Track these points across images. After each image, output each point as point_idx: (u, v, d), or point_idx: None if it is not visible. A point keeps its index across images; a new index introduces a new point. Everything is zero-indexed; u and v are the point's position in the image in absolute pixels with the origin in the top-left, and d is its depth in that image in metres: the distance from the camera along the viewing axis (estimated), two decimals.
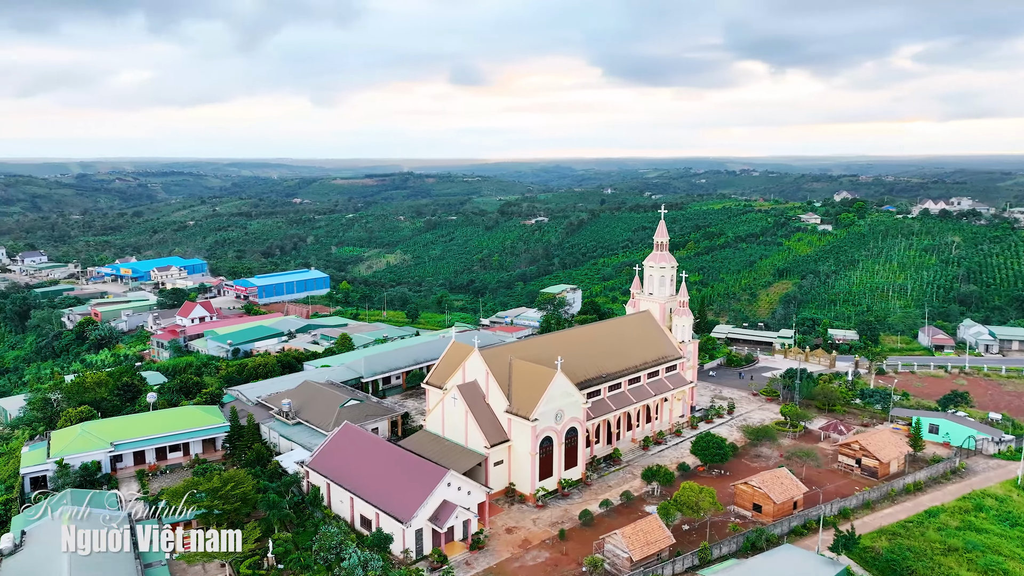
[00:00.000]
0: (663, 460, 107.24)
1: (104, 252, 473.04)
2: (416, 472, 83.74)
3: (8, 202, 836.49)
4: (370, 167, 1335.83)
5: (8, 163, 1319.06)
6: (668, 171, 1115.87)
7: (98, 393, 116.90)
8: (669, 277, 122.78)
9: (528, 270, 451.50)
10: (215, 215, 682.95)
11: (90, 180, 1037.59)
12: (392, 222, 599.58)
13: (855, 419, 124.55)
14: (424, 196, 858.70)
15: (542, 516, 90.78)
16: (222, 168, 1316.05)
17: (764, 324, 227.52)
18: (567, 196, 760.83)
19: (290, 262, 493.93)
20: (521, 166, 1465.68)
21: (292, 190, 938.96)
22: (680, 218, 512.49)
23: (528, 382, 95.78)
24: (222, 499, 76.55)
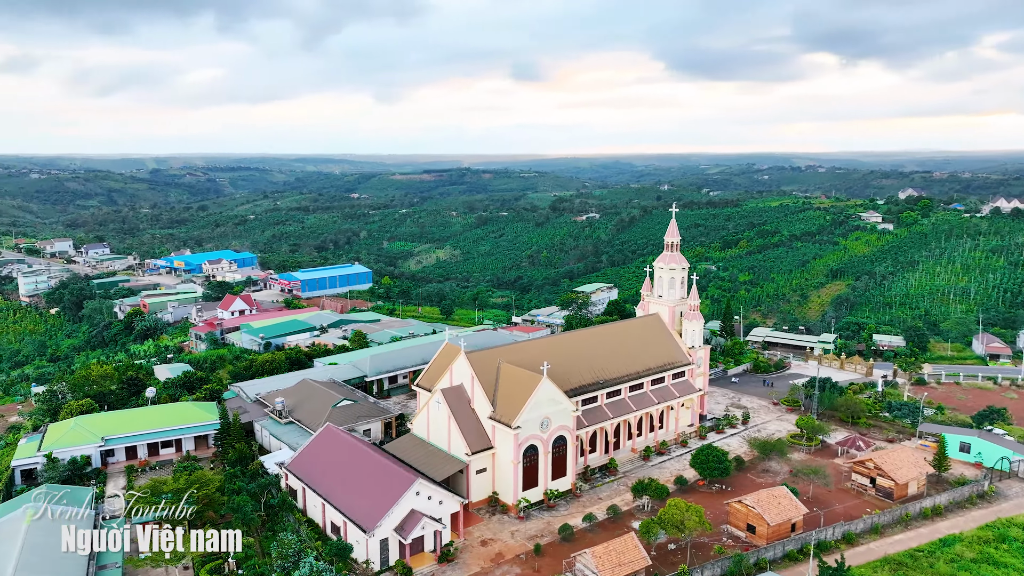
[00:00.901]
0: (663, 472, 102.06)
1: (166, 245, 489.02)
2: (386, 479, 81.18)
3: (87, 196, 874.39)
4: (430, 162, 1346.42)
5: (90, 159, 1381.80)
6: (730, 167, 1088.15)
7: (103, 386, 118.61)
8: (680, 279, 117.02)
9: (575, 267, 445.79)
10: (275, 209, 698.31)
11: (163, 175, 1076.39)
12: (444, 217, 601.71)
13: (880, 434, 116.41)
14: (480, 191, 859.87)
15: (522, 529, 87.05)
16: (287, 163, 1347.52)
17: (806, 327, 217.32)
18: (623, 192, 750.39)
19: (342, 256, 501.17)
20: (580, 162, 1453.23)
21: (352, 185, 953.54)
22: (735, 215, 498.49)
23: (515, 387, 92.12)
24: (186, 500, 75.38)
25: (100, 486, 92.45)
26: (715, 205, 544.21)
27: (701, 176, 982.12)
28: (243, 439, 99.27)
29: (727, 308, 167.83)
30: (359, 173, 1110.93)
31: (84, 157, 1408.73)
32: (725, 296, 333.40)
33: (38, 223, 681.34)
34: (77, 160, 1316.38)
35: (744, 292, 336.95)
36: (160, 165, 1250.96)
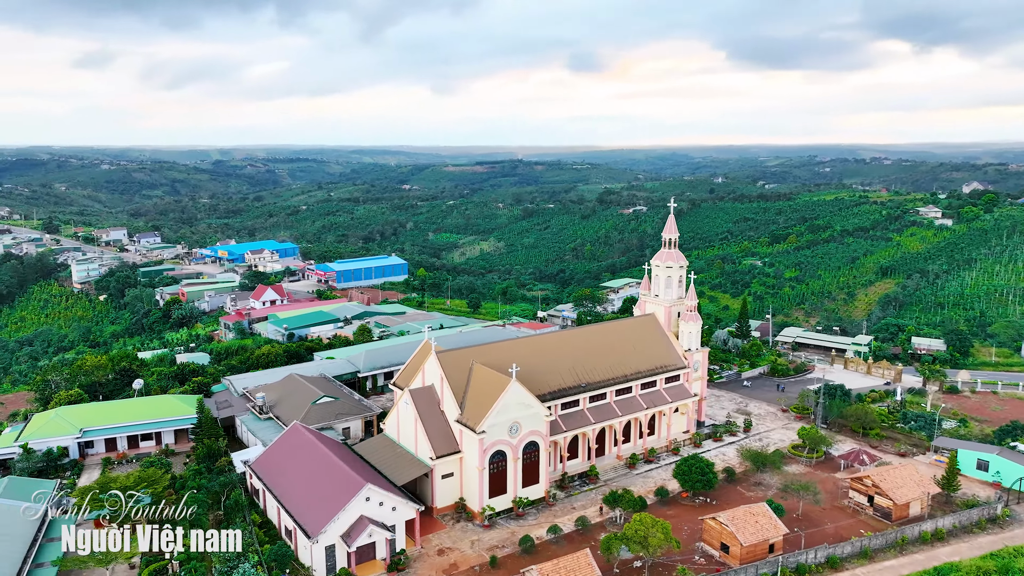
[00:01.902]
0: (647, 482, 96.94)
1: (219, 234, 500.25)
2: (337, 483, 78.55)
3: (152, 186, 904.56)
4: (484, 154, 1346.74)
5: (159, 150, 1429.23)
6: (790, 159, 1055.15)
7: (95, 376, 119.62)
8: (677, 278, 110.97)
9: (619, 261, 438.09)
10: (327, 200, 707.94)
11: (225, 166, 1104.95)
12: (490, 209, 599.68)
13: (892, 447, 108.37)
14: (531, 183, 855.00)
15: (485, 538, 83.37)
16: (345, 155, 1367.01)
17: (841, 328, 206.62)
18: (675, 184, 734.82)
19: (387, 247, 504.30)
20: (636, 153, 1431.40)
21: (405, 176, 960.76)
22: (786, 209, 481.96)
23: (485, 390, 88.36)
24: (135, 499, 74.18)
25: (72, 478, 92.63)
26: (766, 199, 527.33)
27: (759, 168, 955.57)
28: (218, 434, 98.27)
29: (743, 307, 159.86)
30: (413, 165, 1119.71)
31: (153, 148, 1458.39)
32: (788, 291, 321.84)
33: (104, 212, 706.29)
34: (147, 152, 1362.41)
35: (788, 289, 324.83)
36: (224, 156, 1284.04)
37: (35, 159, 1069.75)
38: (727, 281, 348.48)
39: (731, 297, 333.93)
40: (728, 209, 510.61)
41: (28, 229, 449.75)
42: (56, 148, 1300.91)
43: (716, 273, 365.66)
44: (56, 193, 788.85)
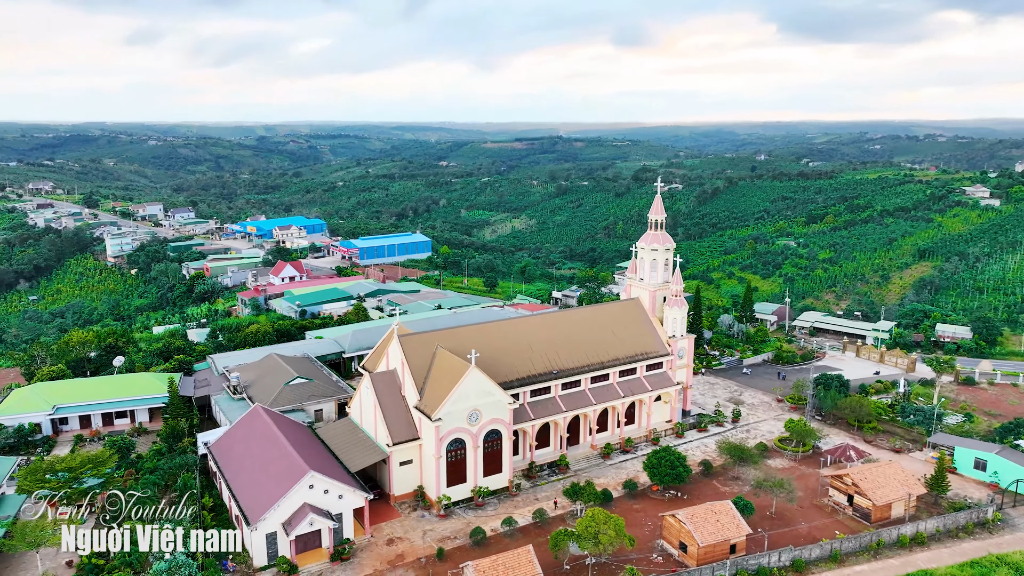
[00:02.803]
0: (620, 473, 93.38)
1: (256, 209, 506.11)
2: (284, 469, 76.87)
3: (196, 161, 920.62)
4: (525, 130, 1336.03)
5: (206, 126, 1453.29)
6: (839, 136, 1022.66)
7: (81, 352, 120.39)
8: (663, 261, 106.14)
9: None
10: (364, 176, 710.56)
11: (268, 142, 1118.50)
12: (524, 186, 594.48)
13: (887, 442, 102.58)
14: (569, 160, 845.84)
15: (438, 528, 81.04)
16: (386, 131, 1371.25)
17: (863, 313, 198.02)
18: (715, 162, 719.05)
19: (419, 224, 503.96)
20: (680, 130, 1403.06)
21: (444, 153, 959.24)
22: (827, 188, 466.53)
23: (446, 376, 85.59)
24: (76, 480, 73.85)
25: (40, 455, 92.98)
26: (807, 177, 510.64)
27: (806, 145, 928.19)
28: (186, 414, 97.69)
29: (747, 291, 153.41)
30: (453, 141, 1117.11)
31: (201, 125, 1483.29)
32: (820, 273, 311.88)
33: (149, 187, 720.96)
34: (194, 128, 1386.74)
35: (821, 271, 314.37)
36: (268, 133, 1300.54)
37: (88, 135, 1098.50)
38: (758, 262, 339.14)
39: (761, 279, 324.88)
40: (766, 187, 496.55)
41: (69, 203, 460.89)
42: (108, 124, 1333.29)
43: (747, 254, 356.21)
44: (104, 168, 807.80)
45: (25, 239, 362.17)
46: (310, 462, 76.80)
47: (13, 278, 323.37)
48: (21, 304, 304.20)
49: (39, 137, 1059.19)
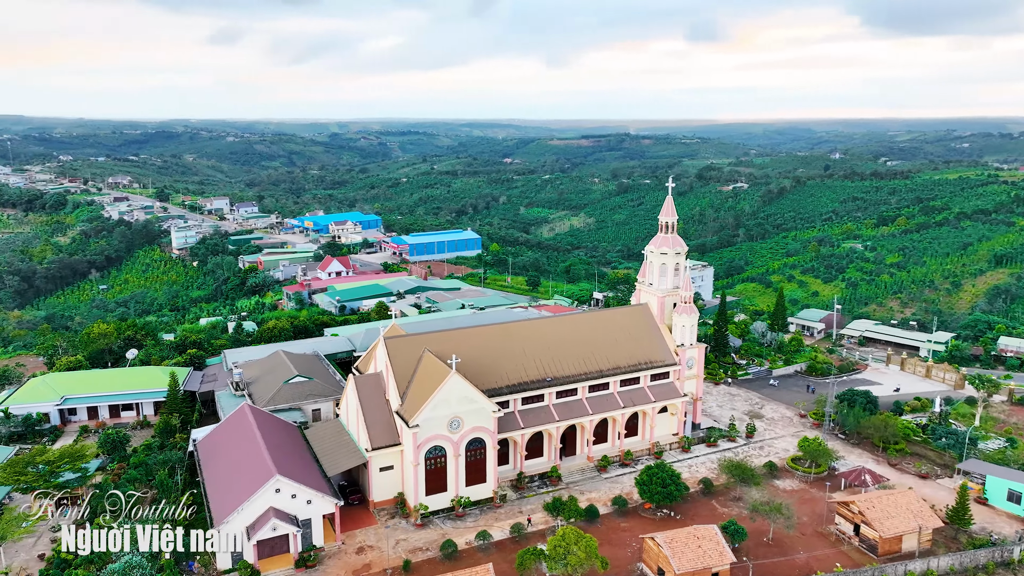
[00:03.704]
0: (614, 487, 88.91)
1: (320, 204, 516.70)
2: (254, 471, 75.72)
3: (270, 157, 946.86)
4: (594, 127, 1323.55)
5: (283, 123, 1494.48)
6: (924, 133, 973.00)
7: (100, 344, 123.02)
8: (673, 266, 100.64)
9: (709, 240, 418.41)
10: (429, 173, 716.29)
11: (340, 139, 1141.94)
12: (585, 184, 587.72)
13: (913, 466, 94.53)
14: (635, 158, 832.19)
15: (412, 538, 78.48)
16: (455, 128, 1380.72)
17: (919, 323, 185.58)
18: (786, 160, 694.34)
19: (477, 221, 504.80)
20: (753, 127, 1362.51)
21: (509, 150, 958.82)
22: (901, 189, 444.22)
23: (429, 381, 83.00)
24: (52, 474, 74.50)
25: (42, 445, 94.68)
26: (880, 176, 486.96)
27: (886, 144, 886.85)
28: (182, 409, 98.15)
29: (779, 297, 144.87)
30: (519, 138, 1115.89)
31: (278, 121, 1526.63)
32: (887, 279, 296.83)
33: (224, 181, 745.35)
34: (271, 124, 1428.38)
35: (887, 276, 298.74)
36: (341, 129, 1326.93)
37: (172, 131, 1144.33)
38: (821, 265, 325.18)
39: (822, 283, 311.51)
40: (836, 187, 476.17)
41: (143, 197, 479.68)
42: (192, 121, 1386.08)
43: (810, 256, 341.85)
44: (184, 163, 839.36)
45: (100, 231, 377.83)
46: (281, 465, 75.41)
47: (86, 268, 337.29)
48: (92, 293, 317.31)
49: (128, 134, 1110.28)
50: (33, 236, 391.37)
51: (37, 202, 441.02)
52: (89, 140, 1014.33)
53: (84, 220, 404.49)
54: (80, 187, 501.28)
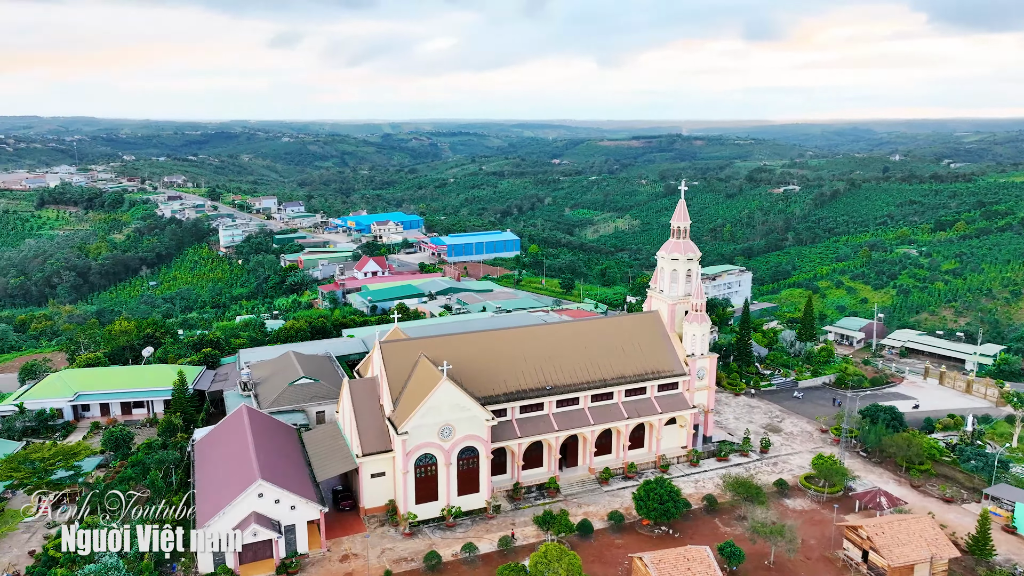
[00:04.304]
0: (613, 501, 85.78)
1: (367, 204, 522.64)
2: (240, 474, 75.13)
3: (323, 158, 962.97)
4: (646, 128, 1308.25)
5: (338, 124, 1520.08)
6: (993, 134, 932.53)
7: (121, 341, 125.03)
8: (684, 272, 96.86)
9: (756, 244, 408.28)
10: (476, 173, 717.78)
11: (392, 139, 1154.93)
12: (632, 186, 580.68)
13: (936, 488, 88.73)
14: (687, 159, 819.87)
15: (399, 547, 76.86)
16: (506, 129, 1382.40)
17: (966, 334, 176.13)
18: (843, 162, 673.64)
19: (521, 222, 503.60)
20: (811, 128, 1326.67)
21: (559, 151, 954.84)
22: (962, 192, 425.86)
23: (422, 387, 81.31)
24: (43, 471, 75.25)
25: (53, 440, 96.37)
26: (941, 179, 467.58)
27: (952, 145, 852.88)
28: (187, 408, 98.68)
29: (807, 304, 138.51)
30: (570, 139, 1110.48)
31: (333, 123, 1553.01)
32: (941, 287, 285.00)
33: (277, 181, 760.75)
34: (326, 125, 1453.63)
35: (941, 284, 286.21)
36: (393, 130, 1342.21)
37: (231, 132, 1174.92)
38: (871, 271, 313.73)
39: (872, 289, 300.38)
40: (893, 190, 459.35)
41: (196, 196, 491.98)
42: (251, 122, 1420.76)
43: (861, 262, 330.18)
44: (240, 163, 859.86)
45: (152, 228, 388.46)
46: (266, 469, 74.65)
47: (138, 264, 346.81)
48: (141, 289, 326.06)
49: (189, 134, 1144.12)
50: (91, 233, 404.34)
51: (96, 200, 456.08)
52: (152, 141, 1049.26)
53: (139, 218, 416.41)
54: (137, 186, 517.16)
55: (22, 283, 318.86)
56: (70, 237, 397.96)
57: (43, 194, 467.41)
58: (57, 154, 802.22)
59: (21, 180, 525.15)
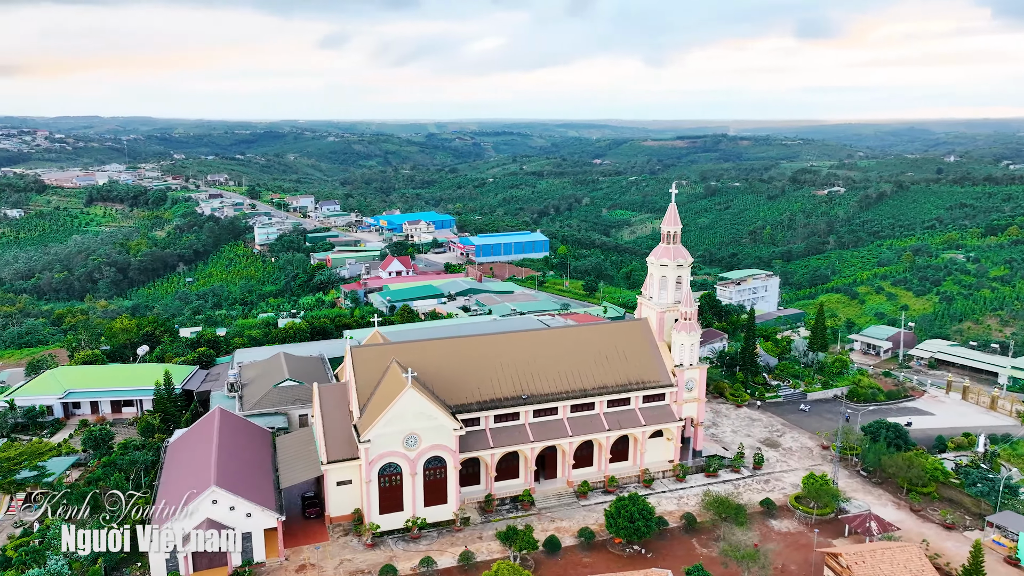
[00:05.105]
0: (589, 516, 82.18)
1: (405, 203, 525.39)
2: (197, 478, 73.95)
3: (367, 157, 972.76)
4: (692, 128, 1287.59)
5: (384, 123, 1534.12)
6: None
7: (121, 339, 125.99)
8: (675, 278, 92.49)
9: (796, 247, 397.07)
10: (516, 173, 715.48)
11: (435, 139, 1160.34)
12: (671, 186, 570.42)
13: (937, 513, 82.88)
14: (731, 159, 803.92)
15: (358, 559, 74.74)
16: (550, 129, 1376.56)
17: (1002, 346, 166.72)
18: (894, 163, 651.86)
19: (557, 223, 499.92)
20: (863, 128, 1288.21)
21: (601, 151, 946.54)
22: (1018, 195, 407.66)
23: (390, 393, 79.10)
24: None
25: (39, 438, 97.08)
26: (996, 181, 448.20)
27: (1013, 145, 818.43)
28: (168, 408, 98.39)
29: (818, 313, 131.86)
30: (613, 139, 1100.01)
31: (380, 122, 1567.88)
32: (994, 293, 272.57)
33: (320, 180, 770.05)
34: (372, 125, 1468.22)
35: (988, 292, 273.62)
36: (438, 130, 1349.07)
37: (279, 132, 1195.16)
38: (914, 277, 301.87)
39: (914, 296, 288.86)
40: (943, 193, 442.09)
41: (236, 194, 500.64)
42: (300, 122, 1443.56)
43: (904, 267, 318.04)
44: (285, 162, 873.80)
45: (192, 226, 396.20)
46: (224, 475, 73.34)
47: (175, 261, 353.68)
48: (178, 285, 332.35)
49: (239, 134, 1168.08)
50: (134, 230, 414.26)
51: (141, 198, 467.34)
52: (204, 140, 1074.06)
53: (180, 215, 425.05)
54: (181, 184, 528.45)
55: (65, 278, 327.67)
56: (114, 233, 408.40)
57: (92, 192, 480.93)
58: (113, 153, 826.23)
59: (73, 178, 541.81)
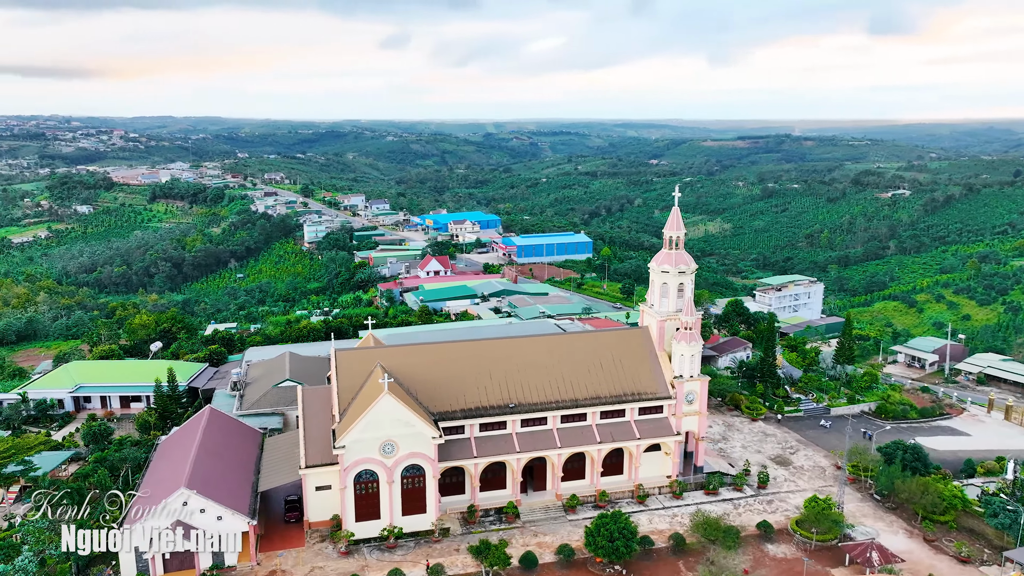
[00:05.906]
0: (576, 532, 78.73)
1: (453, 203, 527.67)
2: (173, 479, 73.71)
3: (424, 156, 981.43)
4: (755, 128, 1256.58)
5: (443, 123, 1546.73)
6: None
7: (140, 335, 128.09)
8: (676, 286, 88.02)
9: (854, 252, 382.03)
10: (570, 173, 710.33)
11: (493, 139, 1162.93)
12: (728, 188, 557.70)
13: (951, 545, 76.49)
14: (794, 160, 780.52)
15: (329, 567, 73.29)
16: (609, 128, 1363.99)
17: None
18: (968, 165, 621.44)
19: (608, 223, 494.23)
20: (939, 128, 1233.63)
21: (659, 151, 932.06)
22: None
23: (369, 398, 77.42)
24: None
25: (46, 431, 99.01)
26: None
27: None
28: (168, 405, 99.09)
29: (846, 323, 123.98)
30: (672, 139, 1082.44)
31: (439, 122, 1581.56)
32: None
33: (377, 179, 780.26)
34: (432, 125, 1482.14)
35: None
36: (496, 129, 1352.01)
37: (340, 131, 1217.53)
38: (979, 285, 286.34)
39: (977, 305, 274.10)
40: (1018, 197, 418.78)
41: (290, 192, 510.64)
42: (361, 122, 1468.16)
43: (968, 275, 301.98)
44: (344, 161, 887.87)
45: (245, 223, 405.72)
46: (198, 477, 72.88)
47: (228, 257, 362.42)
48: (229, 281, 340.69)
49: (302, 133, 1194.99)
50: (192, 226, 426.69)
51: (200, 195, 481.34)
52: (268, 139, 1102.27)
53: (235, 213, 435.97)
54: (239, 182, 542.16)
55: (124, 272, 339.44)
56: (173, 230, 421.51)
57: (155, 189, 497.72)
58: (181, 151, 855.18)
59: (139, 176, 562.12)
